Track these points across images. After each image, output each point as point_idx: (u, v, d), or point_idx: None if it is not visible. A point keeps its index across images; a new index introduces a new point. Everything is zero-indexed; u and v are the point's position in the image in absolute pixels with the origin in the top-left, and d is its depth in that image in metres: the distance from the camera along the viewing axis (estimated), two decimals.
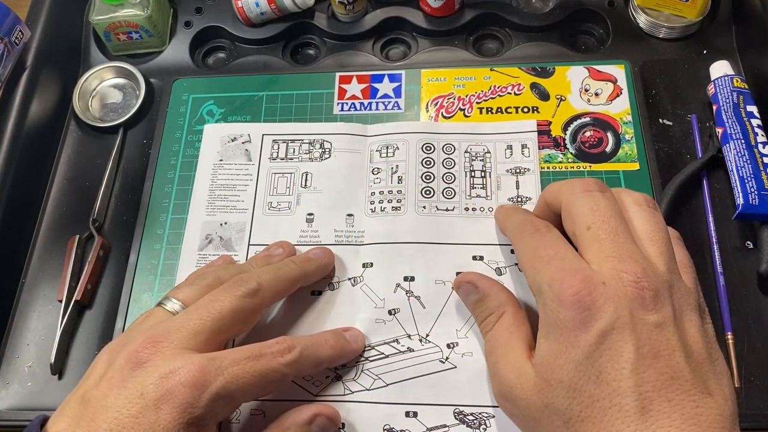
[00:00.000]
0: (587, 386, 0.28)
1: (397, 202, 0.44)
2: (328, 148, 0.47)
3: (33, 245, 0.49)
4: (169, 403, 0.29)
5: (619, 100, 0.49)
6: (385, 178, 0.45)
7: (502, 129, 0.47)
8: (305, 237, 0.44)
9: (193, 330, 0.32)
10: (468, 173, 0.45)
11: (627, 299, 0.29)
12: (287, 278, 0.38)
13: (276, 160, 0.47)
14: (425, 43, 0.55)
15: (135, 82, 0.54)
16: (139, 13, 0.53)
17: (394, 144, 0.47)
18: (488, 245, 0.42)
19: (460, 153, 0.46)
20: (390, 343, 0.40)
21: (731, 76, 0.48)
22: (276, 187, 0.46)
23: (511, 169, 0.46)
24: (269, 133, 0.49)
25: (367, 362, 0.39)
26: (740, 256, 0.43)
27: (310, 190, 0.46)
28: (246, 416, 0.38)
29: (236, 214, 0.46)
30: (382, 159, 0.46)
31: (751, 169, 0.43)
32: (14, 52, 0.51)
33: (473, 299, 0.37)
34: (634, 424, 0.27)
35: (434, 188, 0.45)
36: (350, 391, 0.38)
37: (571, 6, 0.54)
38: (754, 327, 0.41)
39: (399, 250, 0.43)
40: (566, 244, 0.33)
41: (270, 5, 0.54)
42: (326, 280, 0.42)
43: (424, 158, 0.46)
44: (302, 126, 0.49)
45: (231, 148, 0.48)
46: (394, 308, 0.41)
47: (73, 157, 0.52)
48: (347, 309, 0.41)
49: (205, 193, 0.47)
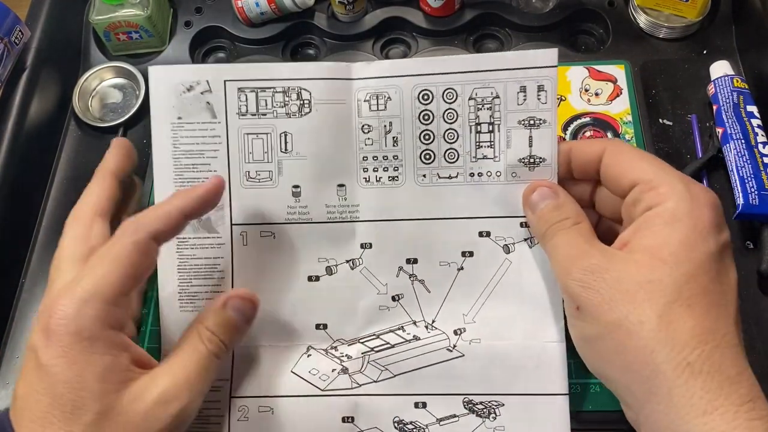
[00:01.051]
0: (703, 279, 0.29)
1: (394, 170, 0.39)
2: (306, 100, 0.39)
3: (33, 245, 0.49)
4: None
5: (619, 100, 0.49)
6: (377, 139, 0.39)
7: (515, 62, 0.38)
8: (293, 214, 0.39)
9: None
10: (473, 127, 0.39)
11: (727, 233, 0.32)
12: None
13: (246, 116, 0.39)
14: (425, 43, 0.55)
15: (135, 82, 0.54)
16: (139, 13, 0.53)
17: (384, 93, 0.39)
18: (495, 218, 0.39)
19: (463, 101, 0.39)
20: (395, 332, 0.39)
21: (731, 76, 0.48)
22: (252, 152, 0.39)
23: (523, 121, 0.38)
24: (232, 79, 0.39)
25: (373, 353, 0.39)
26: (740, 256, 0.43)
27: (293, 155, 0.39)
28: (255, 413, 0.38)
29: None
30: (372, 113, 0.39)
31: (751, 169, 0.43)
32: (14, 52, 0.50)
33: (550, 204, 0.35)
34: (726, 326, 0.29)
35: (434, 151, 0.39)
36: (357, 384, 0.38)
37: (571, 6, 0.54)
38: (754, 327, 0.41)
39: (399, 227, 0.39)
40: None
41: (270, 5, 0.54)
42: (323, 263, 0.39)
43: (422, 111, 0.39)
44: (272, 68, 0.39)
45: (189, 101, 0.39)
46: (397, 294, 0.39)
47: (73, 157, 0.52)
48: (348, 295, 0.39)
49: (169, 162, 0.39)
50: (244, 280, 0.39)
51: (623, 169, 0.34)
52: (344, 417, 0.38)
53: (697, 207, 0.31)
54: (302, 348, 0.39)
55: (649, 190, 0.32)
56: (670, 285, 0.29)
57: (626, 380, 0.30)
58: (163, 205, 0.34)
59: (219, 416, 0.38)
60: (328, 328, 0.39)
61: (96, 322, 0.30)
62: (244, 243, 0.39)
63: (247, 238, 0.39)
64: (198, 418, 0.38)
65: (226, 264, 0.39)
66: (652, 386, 0.29)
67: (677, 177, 0.32)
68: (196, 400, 0.33)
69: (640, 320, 0.29)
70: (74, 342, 0.30)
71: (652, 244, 0.30)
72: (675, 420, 0.28)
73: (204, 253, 0.39)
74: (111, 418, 0.30)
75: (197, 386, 0.33)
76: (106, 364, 0.30)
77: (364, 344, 0.39)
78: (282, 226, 0.39)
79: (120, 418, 0.30)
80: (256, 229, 0.39)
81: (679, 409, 0.28)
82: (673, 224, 0.30)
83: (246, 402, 0.38)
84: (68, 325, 0.30)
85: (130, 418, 0.30)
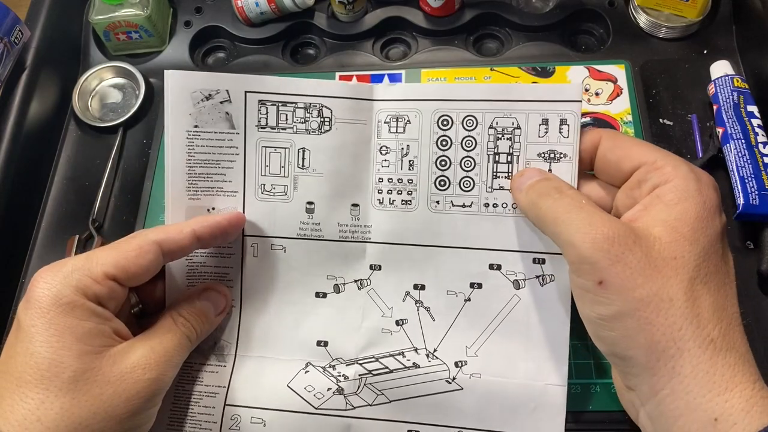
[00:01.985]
0: (714, 257, 0.30)
1: (408, 194, 0.39)
2: (327, 118, 0.39)
3: (33, 245, 0.49)
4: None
5: (619, 99, 0.49)
6: (394, 161, 0.39)
7: (539, 94, 0.37)
8: (306, 230, 0.39)
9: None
10: (491, 157, 0.38)
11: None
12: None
13: (265, 129, 0.39)
14: (425, 43, 0.55)
15: (135, 82, 0.54)
16: (139, 12, 0.53)
17: (405, 116, 0.39)
18: (507, 251, 0.38)
19: (483, 129, 0.38)
20: (395, 356, 0.39)
21: (731, 75, 0.48)
22: (268, 166, 0.39)
23: (543, 153, 0.37)
24: (253, 91, 0.39)
25: (371, 376, 0.38)
26: (740, 256, 0.43)
27: (309, 171, 0.39)
28: (246, 423, 0.38)
29: (224, 198, 0.39)
30: (391, 135, 0.39)
31: (752, 169, 0.43)
32: (14, 52, 0.50)
33: (539, 177, 0.35)
34: (737, 312, 0.30)
35: (450, 178, 0.39)
36: (352, 406, 0.38)
37: (571, 6, 0.54)
38: (755, 327, 0.41)
39: (409, 252, 0.39)
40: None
41: (270, 5, 0.54)
42: (331, 281, 0.40)
43: (440, 137, 0.38)
44: (294, 82, 0.39)
45: (207, 110, 0.38)
46: (402, 318, 0.39)
47: (72, 157, 0.52)
48: (353, 315, 0.39)
49: (183, 170, 0.39)
50: (252, 291, 0.39)
51: (624, 152, 0.34)
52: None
53: (704, 186, 0.31)
54: (301, 363, 0.39)
55: (654, 170, 0.32)
56: (692, 261, 0.29)
57: (648, 360, 0.29)
58: (179, 223, 0.36)
59: (212, 422, 0.38)
60: (328, 346, 0.39)
61: (76, 291, 0.31)
62: (255, 255, 0.39)
63: (258, 250, 0.40)
64: (191, 422, 0.38)
65: (235, 274, 0.39)
66: (676, 364, 0.28)
67: (678, 158, 0.33)
68: (170, 372, 0.34)
69: (669, 297, 0.29)
70: (52, 305, 0.31)
71: (669, 219, 0.30)
72: (696, 398, 0.28)
73: (214, 262, 0.40)
74: (89, 377, 0.31)
75: (173, 359, 0.34)
76: (87, 329, 0.31)
77: (363, 366, 0.39)
78: (293, 241, 0.39)
79: (98, 378, 0.31)
80: (267, 241, 0.40)
81: (702, 386, 0.28)
82: (686, 201, 0.31)
83: (239, 411, 0.38)
84: (49, 291, 0.31)
85: (108, 378, 0.31)
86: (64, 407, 0.30)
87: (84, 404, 0.30)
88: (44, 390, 0.30)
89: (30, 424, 0.29)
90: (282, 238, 0.39)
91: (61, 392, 0.30)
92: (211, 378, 0.39)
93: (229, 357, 0.39)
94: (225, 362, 0.39)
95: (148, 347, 0.33)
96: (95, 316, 0.32)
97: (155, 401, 0.33)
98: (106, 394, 0.31)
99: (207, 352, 0.39)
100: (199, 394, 0.38)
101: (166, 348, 0.34)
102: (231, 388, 0.38)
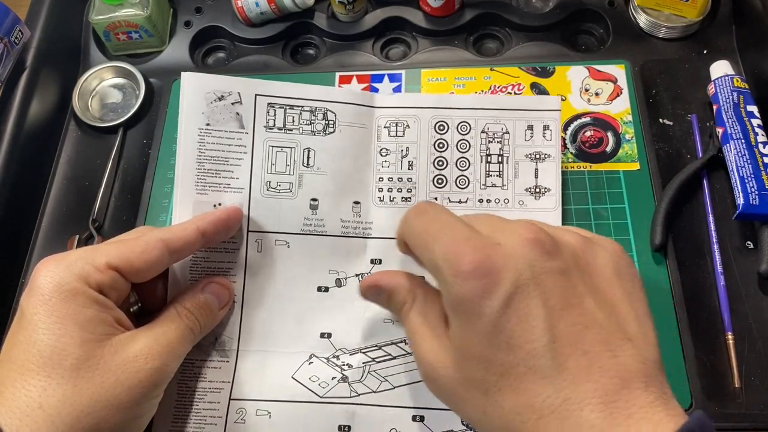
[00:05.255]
0: (499, 355, 0.26)
1: (407, 191, 0.42)
2: (332, 121, 0.42)
3: (33, 245, 0.49)
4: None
5: (619, 99, 0.49)
6: (394, 162, 0.42)
7: (524, 104, 0.43)
8: (309, 225, 0.41)
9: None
10: (484, 157, 0.42)
11: (525, 251, 0.27)
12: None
13: (273, 130, 0.41)
14: (425, 43, 0.55)
15: (135, 82, 0.54)
16: (139, 12, 0.53)
17: (404, 121, 0.43)
18: None
19: (476, 133, 0.43)
20: (398, 344, 0.39)
21: (731, 75, 0.48)
22: (275, 164, 0.41)
23: (530, 155, 0.42)
24: (263, 94, 0.42)
25: (374, 363, 0.39)
26: (740, 256, 0.43)
27: (314, 170, 0.41)
28: (252, 416, 0.38)
29: (231, 194, 0.41)
30: (391, 138, 0.43)
31: (752, 169, 0.43)
32: (14, 52, 0.50)
33: (383, 299, 0.35)
34: (552, 386, 0.25)
35: (447, 177, 0.42)
36: (356, 393, 0.38)
37: (571, 6, 0.54)
38: (755, 327, 0.41)
39: None
40: (452, 214, 0.31)
41: (270, 5, 0.54)
42: (333, 275, 0.41)
43: (437, 140, 0.42)
44: (301, 88, 0.42)
45: (219, 110, 0.41)
46: None
47: (73, 157, 0.52)
48: (355, 307, 0.40)
49: (193, 166, 0.41)
50: (254, 286, 0.40)
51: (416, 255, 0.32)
52: (341, 425, 0.38)
53: (458, 281, 0.27)
54: (305, 355, 0.39)
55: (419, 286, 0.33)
56: (479, 377, 0.28)
57: None
58: (182, 222, 0.37)
59: (217, 417, 0.38)
60: (332, 338, 0.40)
61: (78, 279, 0.32)
62: (259, 250, 0.40)
63: (262, 245, 0.40)
64: (196, 417, 0.38)
65: (238, 269, 0.40)
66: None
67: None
68: (172, 363, 0.34)
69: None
70: (54, 292, 0.31)
71: (453, 338, 0.29)
72: None
73: (218, 257, 0.40)
74: (92, 364, 0.31)
75: (176, 350, 0.34)
76: (89, 316, 0.31)
77: (366, 354, 0.39)
78: (297, 236, 0.41)
79: (100, 366, 0.31)
80: (271, 237, 0.41)
81: None
82: (455, 311, 0.28)
83: (244, 404, 0.38)
84: (51, 279, 0.31)
85: (110, 366, 0.31)
86: (66, 394, 0.30)
87: (86, 392, 0.30)
88: (46, 377, 0.30)
89: (32, 411, 0.29)
90: (286, 233, 0.41)
91: (63, 379, 0.30)
92: (215, 374, 0.39)
93: (231, 352, 0.39)
94: (228, 358, 0.39)
95: (151, 337, 0.33)
96: (97, 303, 0.32)
97: (157, 391, 0.33)
98: (108, 382, 0.31)
99: (208, 349, 0.39)
100: (203, 391, 0.39)
101: (169, 339, 0.34)
102: (235, 382, 0.39)
